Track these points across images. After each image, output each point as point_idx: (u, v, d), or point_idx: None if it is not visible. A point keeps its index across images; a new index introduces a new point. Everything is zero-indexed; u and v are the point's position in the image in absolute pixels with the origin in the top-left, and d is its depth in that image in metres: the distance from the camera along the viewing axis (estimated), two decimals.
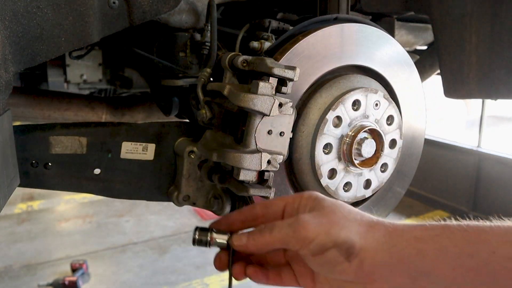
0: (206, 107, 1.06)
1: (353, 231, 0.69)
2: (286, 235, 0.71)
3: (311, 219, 0.71)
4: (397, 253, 0.66)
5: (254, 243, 0.75)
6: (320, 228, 0.69)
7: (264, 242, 0.74)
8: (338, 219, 0.71)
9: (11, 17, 0.83)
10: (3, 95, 0.83)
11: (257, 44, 1.07)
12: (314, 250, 0.69)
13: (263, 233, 0.74)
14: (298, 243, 0.70)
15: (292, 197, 0.78)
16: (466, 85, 1.37)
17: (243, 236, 0.77)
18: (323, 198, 0.76)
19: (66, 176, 1.13)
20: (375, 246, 0.67)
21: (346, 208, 0.74)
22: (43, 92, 1.94)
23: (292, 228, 0.71)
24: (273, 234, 0.72)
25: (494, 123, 9.46)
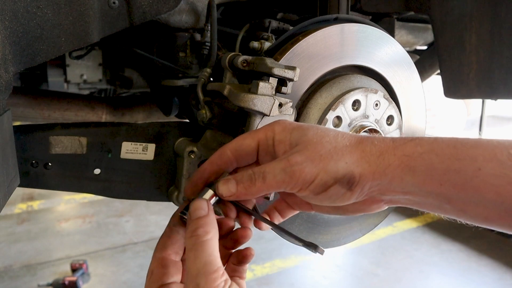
0: (206, 107, 1.07)
1: (348, 161, 0.69)
2: (282, 181, 0.69)
3: (304, 159, 0.69)
4: (391, 172, 0.67)
5: (245, 192, 0.72)
6: (316, 167, 0.68)
7: (256, 190, 0.71)
8: (329, 152, 0.69)
9: (11, 17, 0.83)
10: (3, 95, 0.83)
11: (257, 44, 1.07)
12: (316, 190, 0.69)
13: (255, 181, 0.71)
14: (296, 187, 0.70)
15: (263, 132, 0.75)
16: (466, 85, 1.37)
17: (230, 184, 0.73)
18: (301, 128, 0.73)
19: (66, 176, 1.13)
20: (372, 170, 0.68)
21: (331, 135, 0.72)
22: (43, 92, 1.95)
23: (287, 173, 0.69)
24: (267, 181, 0.70)
25: (494, 123, 9.46)
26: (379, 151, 0.69)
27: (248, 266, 0.82)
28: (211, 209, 0.72)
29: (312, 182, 0.69)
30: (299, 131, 0.73)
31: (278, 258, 4.20)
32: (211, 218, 0.70)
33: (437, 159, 0.65)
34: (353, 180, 0.68)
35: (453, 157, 0.65)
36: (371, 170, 0.68)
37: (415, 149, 0.67)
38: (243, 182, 0.72)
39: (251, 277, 3.93)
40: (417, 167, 0.66)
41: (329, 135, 0.72)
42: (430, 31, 1.88)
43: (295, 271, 4.12)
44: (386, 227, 5.06)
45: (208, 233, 0.67)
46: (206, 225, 0.69)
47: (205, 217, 0.70)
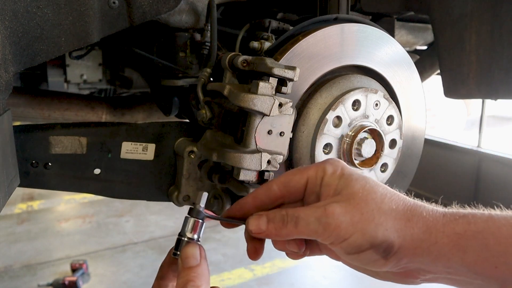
0: (206, 107, 1.06)
1: (389, 228, 0.64)
2: (314, 231, 0.66)
3: (342, 214, 0.64)
4: (437, 250, 0.62)
5: (274, 232, 0.68)
6: (354, 226, 0.64)
7: (286, 233, 0.68)
8: (371, 211, 0.64)
9: (11, 17, 0.83)
10: (3, 95, 0.83)
11: (257, 44, 1.07)
12: (347, 250, 0.65)
13: (287, 224, 0.67)
14: (328, 240, 0.65)
15: (313, 171, 0.71)
16: (466, 85, 1.37)
17: (261, 221, 0.70)
18: (350, 177, 0.68)
19: (66, 176, 1.13)
20: (414, 244, 0.63)
21: (378, 192, 0.66)
22: (43, 92, 1.95)
23: (321, 224, 0.65)
24: (299, 227, 0.66)
25: (494, 123, 9.46)
26: (427, 225, 0.64)
27: (248, 266, 0.82)
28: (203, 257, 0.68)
29: (345, 240, 0.64)
30: (347, 180, 0.68)
31: (278, 258, 4.20)
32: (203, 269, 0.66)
33: (493, 239, 0.60)
34: (390, 250, 0.64)
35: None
36: (413, 245, 0.63)
37: (468, 227, 0.63)
38: (275, 222, 0.68)
39: (251, 277, 3.92)
40: (469, 247, 0.61)
41: (376, 193, 0.66)
42: (430, 31, 1.88)
43: (295, 271, 4.12)
44: None
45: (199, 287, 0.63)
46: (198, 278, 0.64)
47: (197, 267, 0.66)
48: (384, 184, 0.69)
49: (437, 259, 0.63)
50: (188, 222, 0.72)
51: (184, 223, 0.73)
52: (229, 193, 1.12)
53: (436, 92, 3.49)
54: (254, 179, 0.97)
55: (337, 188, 0.68)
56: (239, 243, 4.47)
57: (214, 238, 4.52)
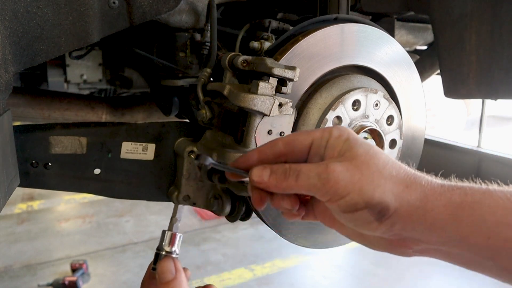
0: (206, 107, 1.06)
1: (387, 190, 0.64)
2: (313, 185, 0.67)
3: (343, 171, 0.65)
4: (432, 218, 0.62)
5: (275, 184, 0.70)
6: (352, 185, 0.65)
7: (286, 186, 0.69)
8: (372, 174, 0.65)
9: (11, 17, 0.83)
10: (3, 95, 0.83)
11: (257, 44, 1.07)
12: (343, 207, 0.66)
13: (288, 177, 0.69)
14: (326, 196, 0.66)
15: (319, 133, 0.72)
16: (466, 85, 1.37)
17: (264, 172, 0.71)
18: (355, 141, 0.69)
19: (66, 176, 1.13)
20: (409, 210, 0.63)
21: (381, 158, 0.67)
22: (43, 92, 1.95)
23: (321, 179, 0.66)
24: (299, 181, 0.68)
25: (494, 123, 9.46)
26: (424, 192, 0.64)
27: (248, 266, 0.82)
28: (179, 270, 0.69)
29: (342, 198, 0.65)
30: (352, 143, 0.69)
31: (278, 258, 4.20)
32: (179, 281, 0.68)
33: (489, 210, 0.61)
34: (385, 211, 0.64)
35: (507, 209, 0.60)
36: (408, 211, 0.64)
37: (465, 197, 0.63)
38: (277, 174, 0.70)
39: (251, 277, 3.93)
40: (465, 217, 0.61)
41: (379, 159, 0.67)
42: (430, 31, 1.88)
43: (295, 271, 4.12)
44: None
45: None
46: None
47: (173, 281, 0.68)
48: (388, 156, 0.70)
49: (431, 228, 0.63)
50: (165, 235, 0.74)
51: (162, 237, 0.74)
52: (229, 193, 1.12)
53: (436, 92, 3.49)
54: None
55: (341, 150, 0.69)
56: (239, 243, 4.47)
57: (214, 238, 4.52)
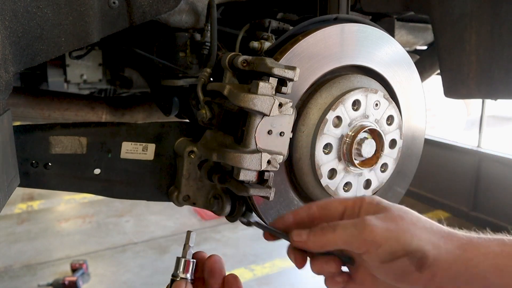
0: (206, 107, 1.06)
1: (425, 239, 0.64)
2: (350, 236, 0.67)
3: (378, 222, 0.66)
4: (473, 267, 0.62)
5: (314, 240, 0.71)
6: (389, 233, 0.65)
7: (325, 241, 0.70)
8: (407, 225, 0.66)
9: (11, 17, 0.83)
10: (3, 95, 0.83)
11: (257, 44, 1.07)
12: (382, 257, 0.65)
13: (325, 231, 0.70)
14: (363, 246, 0.66)
15: (352, 200, 0.74)
16: (466, 85, 1.37)
17: (303, 231, 0.73)
18: (387, 204, 0.71)
19: (66, 176, 1.13)
20: (450, 258, 0.63)
21: (414, 214, 0.69)
22: (43, 92, 1.95)
23: (358, 229, 0.67)
24: (337, 233, 0.69)
25: (494, 123, 9.46)
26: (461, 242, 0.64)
27: (248, 266, 0.83)
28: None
29: (380, 246, 0.65)
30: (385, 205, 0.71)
31: (278, 258, 4.20)
32: None
33: None
34: (425, 259, 0.63)
35: None
36: (448, 259, 0.63)
37: (504, 247, 0.62)
38: (315, 231, 0.72)
39: (251, 277, 3.92)
40: (507, 267, 0.61)
41: (412, 214, 0.69)
42: (430, 31, 1.87)
43: (295, 271, 4.10)
44: None
45: None
46: None
47: None
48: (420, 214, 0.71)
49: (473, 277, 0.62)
50: (180, 262, 0.76)
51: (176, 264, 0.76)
52: (229, 193, 1.12)
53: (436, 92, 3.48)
54: (254, 179, 0.97)
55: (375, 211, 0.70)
56: (239, 243, 4.47)
57: (214, 238, 4.52)
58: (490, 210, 5.01)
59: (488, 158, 5.14)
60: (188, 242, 0.77)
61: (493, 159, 5.09)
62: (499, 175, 5.00)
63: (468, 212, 5.21)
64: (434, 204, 5.67)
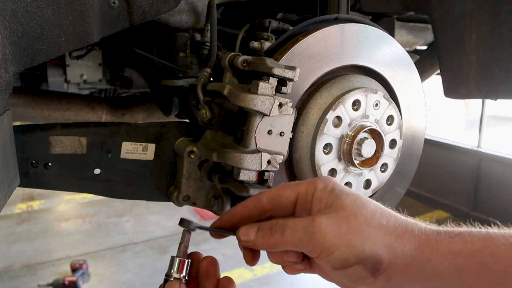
0: (206, 107, 1.06)
1: (379, 242, 0.61)
2: (299, 240, 0.64)
3: (329, 224, 0.62)
4: (431, 268, 0.59)
5: (262, 241, 0.67)
6: (340, 238, 0.61)
7: (273, 243, 0.66)
8: (360, 225, 0.62)
9: (11, 17, 0.83)
10: (3, 95, 0.83)
11: (257, 44, 1.07)
12: (333, 264, 0.62)
13: (274, 233, 0.66)
14: (314, 252, 0.63)
15: (304, 186, 0.69)
16: (466, 85, 1.37)
17: (251, 230, 0.69)
18: (341, 192, 0.67)
19: (66, 176, 1.13)
20: (406, 262, 0.60)
21: (369, 207, 0.64)
22: (43, 92, 1.95)
23: (308, 233, 0.63)
24: (285, 236, 0.65)
25: (494, 123, 9.46)
26: (419, 241, 0.61)
27: (248, 266, 0.82)
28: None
29: (331, 254, 0.62)
30: (337, 194, 0.66)
31: None
32: None
33: (492, 259, 0.57)
34: (379, 266, 0.60)
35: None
36: (404, 263, 0.60)
37: (464, 246, 0.59)
38: (264, 230, 0.68)
39: (251, 277, 3.92)
40: (467, 266, 0.58)
41: (367, 208, 0.64)
42: (430, 31, 1.87)
43: None
44: None
45: None
46: None
47: None
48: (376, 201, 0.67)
49: (431, 279, 0.60)
50: (174, 262, 0.74)
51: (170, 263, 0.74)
52: (229, 193, 1.12)
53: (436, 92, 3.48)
54: (254, 179, 0.97)
55: (327, 202, 0.66)
56: None
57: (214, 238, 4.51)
58: (490, 210, 5.01)
59: (488, 158, 5.14)
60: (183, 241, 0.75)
61: (493, 159, 5.09)
62: (499, 175, 5.00)
63: (468, 212, 5.21)
64: (434, 204, 5.67)
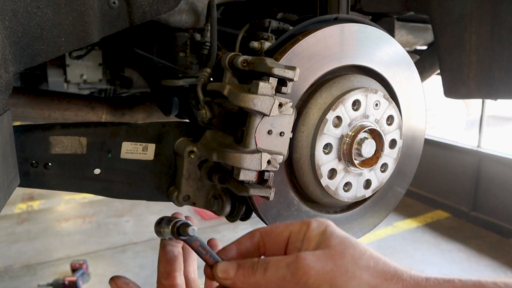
0: (206, 107, 1.06)
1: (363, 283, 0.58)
2: (282, 278, 0.61)
3: (314, 261, 0.60)
4: None
5: (243, 280, 0.64)
6: (324, 276, 0.59)
7: (254, 283, 0.63)
8: (346, 264, 0.60)
9: (11, 17, 0.83)
10: (3, 95, 0.83)
11: (257, 44, 1.07)
12: None
13: (255, 271, 0.63)
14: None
15: (298, 226, 0.68)
16: (466, 85, 1.37)
17: (230, 267, 0.66)
18: (332, 233, 0.65)
19: (66, 176, 1.13)
20: None
21: (358, 249, 0.62)
22: (43, 92, 1.95)
23: (290, 270, 0.60)
24: (267, 275, 0.62)
25: (494, 123, 9.46)
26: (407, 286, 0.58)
27: None
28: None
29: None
30: (328, 235, 0.65)
31: None
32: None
33: None
34: None
35: None
36: None
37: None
38: (244, 268, 0.65)
39: None
40: None
41: (355, 249, 0.62)
42: (430, 31, 1.88)
43: None
44: (386, 227, 5.06)
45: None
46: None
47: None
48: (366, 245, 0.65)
49: None
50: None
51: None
52: (229, 193, 1.12)
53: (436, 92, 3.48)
54: (254, 179, 0.97)
55: (317, 242, 0.65)
56: None
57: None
58: (490, 210, 5.01)
59: (488, 158, 5.15)
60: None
61: (493, 159, 5.09)
62: (499, 175, 5.00)
63: (468, 212, 5.21)
64: (434, 204, 5.67)
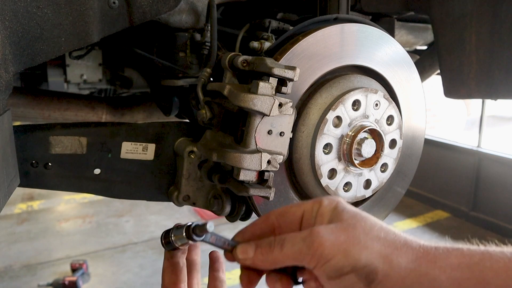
0: (206, 107, 1.06)
1: (375, 252, 0.60)
2: (299, 252, 0.64)
3: (328, 233, 0.63)
4: (428, 282, 0.58)
5: (262, 258, 0.67)
6: (338, 246, 0.61)
7: (273, 259, 0.66)
8: (358, 235, 0.62)
9: (11, 17, 0.83)
10: (3, 95, 0.83)
11: (257, 44, 1.07)
12: (329, 272, 0.62)
13: (273, 248, 0.66)
14: (312, 261, 0.63)
15: (310, 204, 0.71)
16: (466, 85, 1.37)
17: (249, 248, 0.68)
18: (343, 208, 0.68)
19: (66, 176, 1.13)
20: (402, 274, 0.59)
21: (368, 221, 0.65)
22: (43, 92, 1.94)
23: (306, 243, 0.63)
24: (284, 250, 0.65)
25: (494, 123, 9.46)
26: (416, 255, 0.60)
27: None
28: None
29: (328, 262, 0.61)
30: (340, 210, 0.67)
31: None
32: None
33: (491, 272, 0.57)
34: (373, 276, 0.60)
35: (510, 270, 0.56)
36: (400, 275, 0.59)
37: (463, 259, 0.59)
38: (262, 247, 0.67)
39: None
40: (465, 280, 0.57)
41: (366, 222, 0.65)
42: (430, 31, 1.87)
43: None
44: None
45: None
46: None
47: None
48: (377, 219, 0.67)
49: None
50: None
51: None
52: (229, 193, 1.12)
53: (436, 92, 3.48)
54: (254, 179, 0.97)
55: (330, 218, 0.67)
56: None
57: None
58: (490, 210, 5.01)
59: (488, 158, 5.14)
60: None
61: (493, 159, 5.09)
62: (499, 175, 5.00)
63: (468, 212, 5.21)
64: (434, 204, 5.67)
